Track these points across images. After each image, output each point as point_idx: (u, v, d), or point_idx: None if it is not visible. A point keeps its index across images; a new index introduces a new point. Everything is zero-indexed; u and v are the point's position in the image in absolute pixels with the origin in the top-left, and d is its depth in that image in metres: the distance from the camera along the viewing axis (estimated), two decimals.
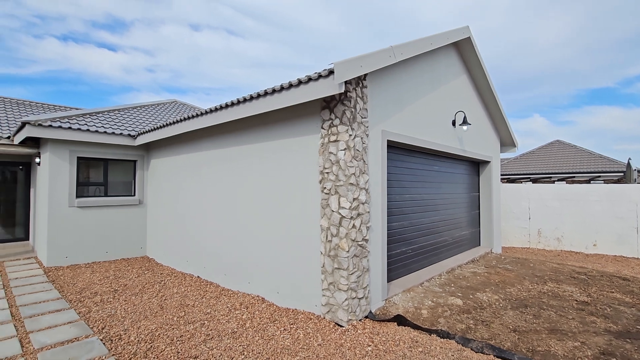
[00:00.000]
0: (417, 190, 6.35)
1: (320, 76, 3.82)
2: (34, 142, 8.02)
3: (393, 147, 5.50)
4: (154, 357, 3.41)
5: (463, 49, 7.19)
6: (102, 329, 4.09)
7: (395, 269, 5.68)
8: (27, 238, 9.83)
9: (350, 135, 4.17)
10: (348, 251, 4.09)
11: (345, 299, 4.08)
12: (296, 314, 4.53)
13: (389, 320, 4.28)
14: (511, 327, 4.19)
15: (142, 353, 3.49)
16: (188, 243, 6.92)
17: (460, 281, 6.02)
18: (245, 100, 4.87)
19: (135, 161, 8.49)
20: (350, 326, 4.08)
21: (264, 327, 4.12)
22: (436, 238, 7.02)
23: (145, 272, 6.88)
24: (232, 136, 5.86)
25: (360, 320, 4.27)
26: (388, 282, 5.31)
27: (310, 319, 4.33)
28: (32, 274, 6.60)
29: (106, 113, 8.81)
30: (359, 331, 3.99)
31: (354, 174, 4.20)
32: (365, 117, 4.50)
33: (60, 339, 3.82)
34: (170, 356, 3.43)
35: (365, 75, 4.50)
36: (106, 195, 8.06)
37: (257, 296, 5.22)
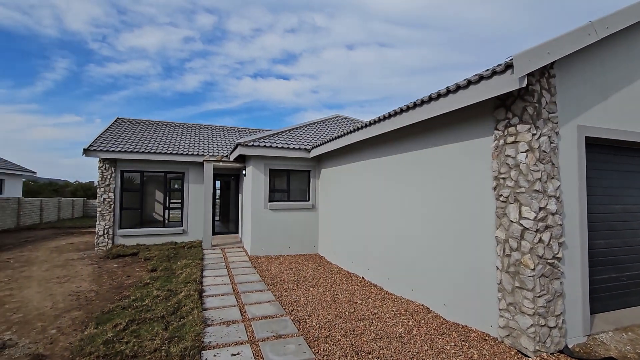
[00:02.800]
0: (633, 200, 4.84)
1: (494, 73, 3.49)
2: (242, 158, 10.50)
3: (594, 146, 4.40)
4: (333, 344, 3.86)
5: None
6: (291, 311, 4.93)
7: (602, 299, 4.47)
8: (236, 232, 12.89)
9: (534, 134, 3.61)
10: (533, 269, 3.52)
11: (531, 325, 3.51)
12: (467, 330, 4.21)
13: None
14: None
15: (323, 338, 4.02)
16: (353, 245, 7.50)
17: None
18: (408, 108, 4.94)
19: (309, 171, 9.87)
20: (538, 358, 3.48)
21: (431, 338, 4.03)
22: None
23: (318, 268, 7.85)
24: (392, 144, 6.04)
25: (552, 353, 3.58)
26: (591, 314, 4.23)
27: (485, 339, 3.93)
28: (241, 259, 8.62)
29: (287, 132, 10.64)
30: None
31: (539, 179, 3.60)
32: (553, 112, 3.80)
33: (264, 313, 4.84)
34: (346, 346, 3.81)
35: (553, 63, 3.81)
36: (288, 200, 9.69)
37: (422, 305, 5.14)
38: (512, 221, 3.73)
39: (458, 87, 3.99)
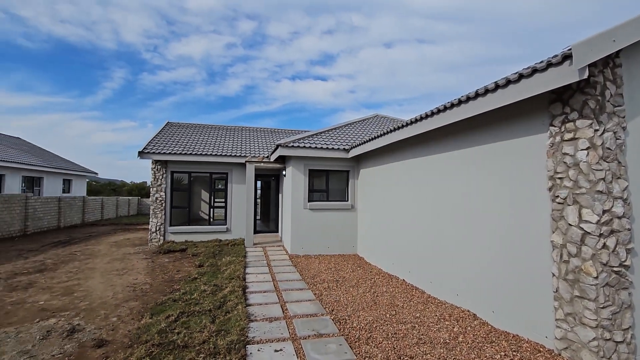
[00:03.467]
0: None
1: (550, 64, 3.25)
2: (282, 159, 10.73)
3: None
4: (374, 346, 3.82)
5: None
6: (332, 311, 4.95)
7: None
8: (277, 230, 13.20)
9: (596, 130, 3.30)
10: (596, 277, 3.22)
11: (594, 339, 3.22)
12: (518, 340, 3.95)
13: None
14: None
15: (364, 340, 3.99)
16: (393, 247, 7.36)
17: None
18: (452, 105, 4.76)
19: (348, 171, 9.85)
20: None
21: (479, 346, 3.84)
22: None
23: (357, 269, 7.81)
24: (435, 143, 5.84)
25: None
26: None
27: (539, 351, 3.67)
28: (281, 257, 8.81)
29: (326, 132, 10.70)
30: None
31: (602, 179, 3.29)
32: (619, 106, 3.45)
33: (304, 312, 4.91)
34: (388, 349, 3.75)
35: (618, 51, 3.46)
36: (327, 200, 9.74)
37: (467, 311, 4.91)
38: (570, 224, 3.44)
39: (508, 82, 3.76)
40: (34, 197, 15.17)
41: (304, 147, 9.06)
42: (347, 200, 9.82)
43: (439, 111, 5.10)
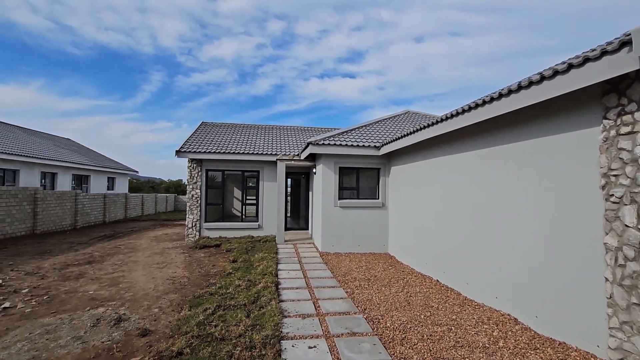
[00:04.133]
0: None
1: (604, 52, 3.00)
2: (312, 157, 10.78)
3: None
4: (409, 347, 3.75)
5: None
6: (364, 309, 4.91)
7: None
8: (307, 228, 13.31)
9: None
10: None
11: None
12: (565, 348, 3.71)
13: None
14: None
15: (398, 340, 3.92)
16: (426, 246, 7.17)
17: None
18: (492, 99, 4.54)
19: (378, 169, 9.71)
20: None
21: (522, 352, 3.64)
22: None
23: (389, 268, 7.69)
24: (471, 139, 5.60)
25: None
26: None
27: None
28: (312, 255, 8.87)
29: (356, 130, 10.61)
30: None
31: None
32: None
33: (337, 309, 4.91)
34: (424, 351, 3.66)
35: None
36: (358, 198, 9.67)
37: (508, 315, 4.68)
38: (627, 226, 3.18)
39: (555, 73, 3.52)
40: (83, 193, 16.31)
41: (335, 144, 9.04)
42: (378, 198, 9.69)
43: (477, 105, 4.89)
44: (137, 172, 26.91)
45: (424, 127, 6.61)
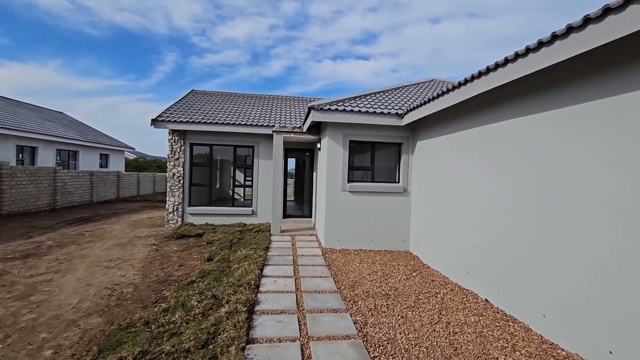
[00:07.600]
0: None
1: None
2: (316, 129, 8.68)
3: None
4: None
5: None
6: None
7: None
8: (310, 215, 11.35)
9: None
10: None
11: None
12: None
13: None
14: None
15: None
16: (466, 249, 5.13)
17: None
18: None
19: (400, 144, 7.57)
20: None
21: None
22: None
23: (413, 274, 5.71)
24: (534, 100, 3.41)
25: None
26: None
27: None
28: (312, 252, 6.90)
29: (373, 95, 8.42)
30: None
31: None
32: None
33: None
34: None
35: None
36: (372, 180, 7.60)
37: None
38: None
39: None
40: (64, 170, 14.66)
41: (345, 110, 6.92)
42: (398, 182, 7.60)
43: (548, 42, 2.69)
44: (133, 148, 25.25)
45: (471, 79, 4.42)
